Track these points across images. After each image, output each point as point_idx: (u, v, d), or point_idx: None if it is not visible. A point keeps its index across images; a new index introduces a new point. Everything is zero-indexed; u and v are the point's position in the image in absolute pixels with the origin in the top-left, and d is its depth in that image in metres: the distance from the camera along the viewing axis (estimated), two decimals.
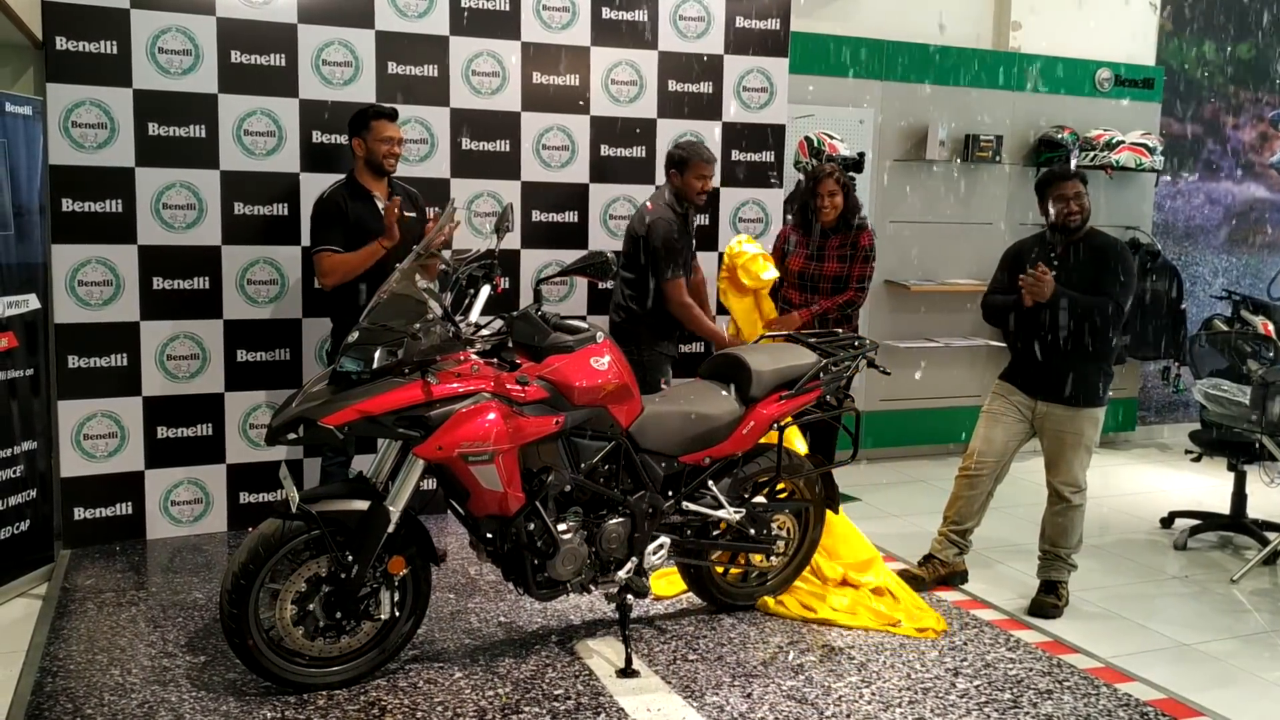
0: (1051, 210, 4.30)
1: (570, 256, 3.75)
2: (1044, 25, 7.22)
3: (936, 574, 4.52)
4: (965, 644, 3.94)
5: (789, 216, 5.63)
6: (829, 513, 4.28)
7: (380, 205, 4.45)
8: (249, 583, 3.23)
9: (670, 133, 5.50)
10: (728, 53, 5.55)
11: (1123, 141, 7.00)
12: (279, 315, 4.95)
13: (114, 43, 4.57)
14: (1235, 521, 5.34)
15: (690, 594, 4.19)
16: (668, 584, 4.30)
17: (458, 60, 5.10)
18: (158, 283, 4.76)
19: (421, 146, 5.09)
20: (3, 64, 4.86)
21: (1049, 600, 4.34)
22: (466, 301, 3.57)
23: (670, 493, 3.81)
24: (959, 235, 6.91)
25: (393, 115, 4.49)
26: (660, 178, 5.47)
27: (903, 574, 4.52)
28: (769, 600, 4.15)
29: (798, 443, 4.43)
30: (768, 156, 5.72)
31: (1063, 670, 3.74)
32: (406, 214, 4.48)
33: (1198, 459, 5.72)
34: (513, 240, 5.26)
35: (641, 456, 3.71)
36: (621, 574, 3.68)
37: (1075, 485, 4.34)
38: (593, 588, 3.70)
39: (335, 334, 4.65)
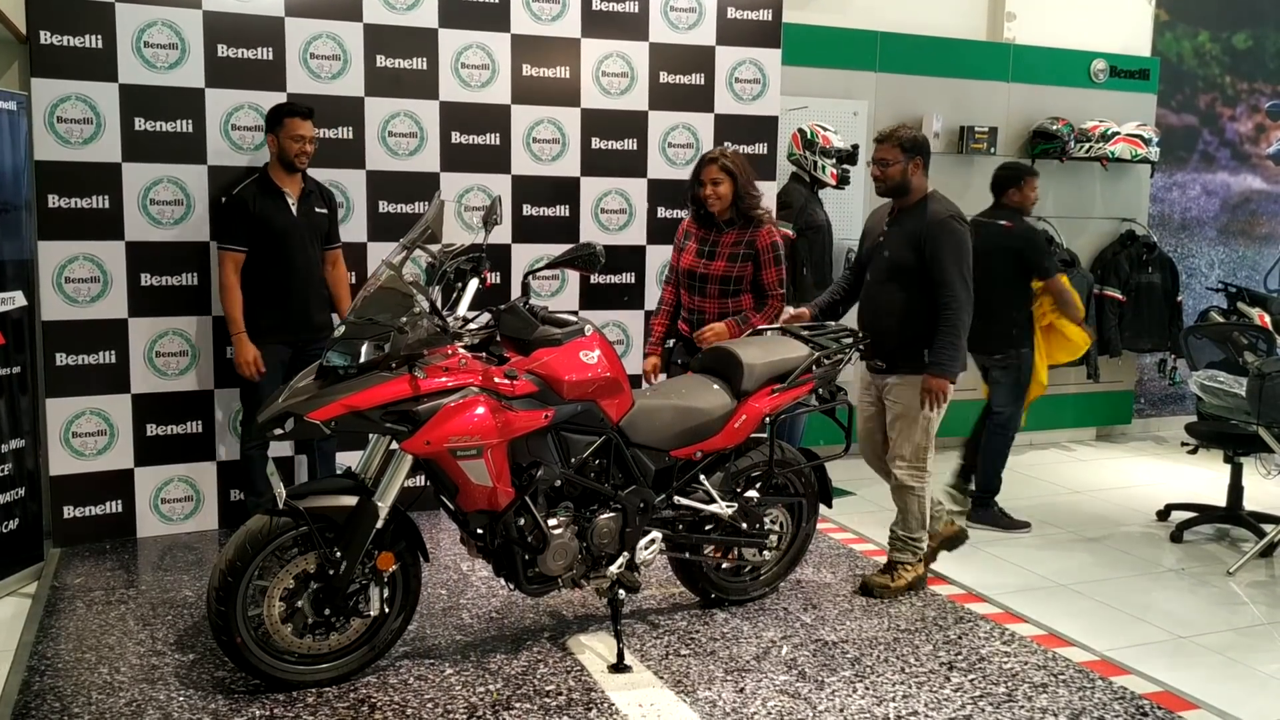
0: None
1: (561, 251, 3.73)
2: (1039, 16, 7.19)
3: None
4: (960, 638, 3.91)
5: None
6: None
7: (291, 204, 4.55)
8: (236, 580, 3.20)
9: (662, 125, 5.46)
10: (719, 44, 5.51)
11: (1118, 133, 6.97)
12: None
13: (99, 37, 4.53)
14: (1232, 514, 5.32)
15: (683, 588, 4.17)
16: None
17: (447, 53, 5.06)
18: (145, 279, 4.72)
19: (411, 140, 5.05)
20: None
21: (879, 580, 4.26)
22: (454, 295, 3.54)
23: (661, 487, 3.78)
24: None
25: (307, 113, 4.50)
26: (652, 170, 5.45)
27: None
28: None
29: None
30: (761, 149, 5.68)
31: (1058, 663, 3.72)
32: (317, 210, 4.64)
33: (1194, 451, 5.70)
34: (503, 235, 5.23)
35: (632, 451, 3.68)
36: (613, 569, 3.66)
37: (905, 462, 4.15)
38: (584, 583, 3.67)
39: (256, 311, 4.55)
